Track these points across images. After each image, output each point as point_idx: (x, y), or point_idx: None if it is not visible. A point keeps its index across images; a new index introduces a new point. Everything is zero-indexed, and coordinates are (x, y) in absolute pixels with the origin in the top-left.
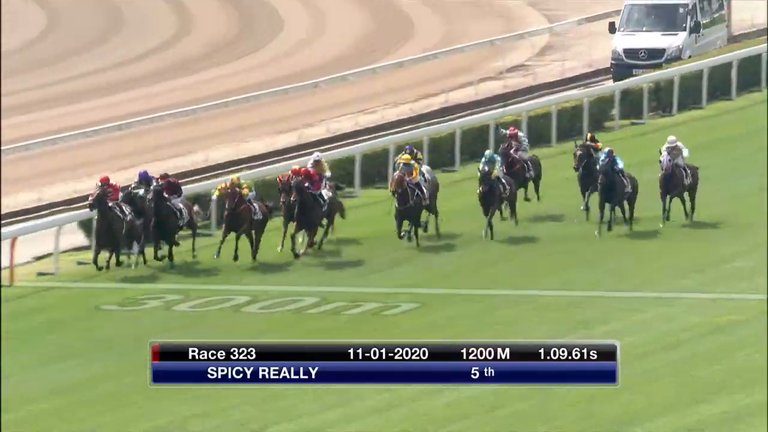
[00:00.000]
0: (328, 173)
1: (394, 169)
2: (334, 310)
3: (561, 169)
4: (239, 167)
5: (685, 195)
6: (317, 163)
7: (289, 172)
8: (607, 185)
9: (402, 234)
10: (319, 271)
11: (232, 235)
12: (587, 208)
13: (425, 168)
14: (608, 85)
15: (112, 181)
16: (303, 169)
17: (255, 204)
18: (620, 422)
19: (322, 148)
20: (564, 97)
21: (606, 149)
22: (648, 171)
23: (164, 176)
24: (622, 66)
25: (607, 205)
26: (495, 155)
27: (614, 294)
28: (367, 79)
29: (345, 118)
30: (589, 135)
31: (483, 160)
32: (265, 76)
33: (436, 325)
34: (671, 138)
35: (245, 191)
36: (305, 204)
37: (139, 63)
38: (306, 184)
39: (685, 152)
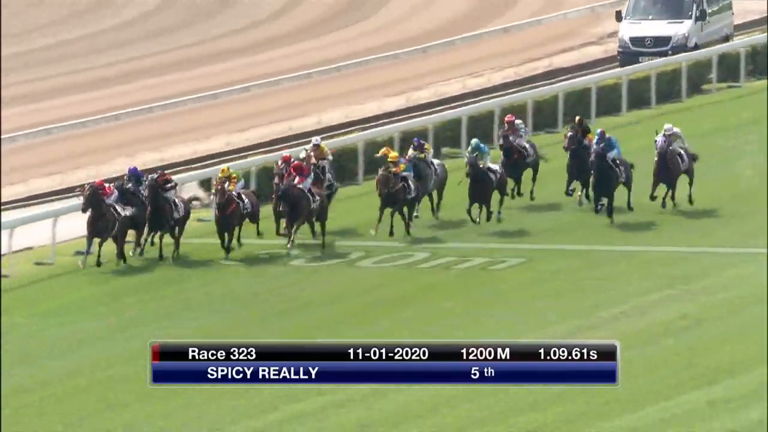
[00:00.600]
0: (329, 157)
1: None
2: (444, 265)
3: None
4: (350, 129)
5: (682, 180)
6: (317, 147)
7: (280, 160)
8: (599, 176)
9: (376, 229)
10: (430, 227)
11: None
12: (571, 193)
13: (436, 161)
14: (706, 50)
15: (113, 181)
16: (296, 162)
17: (244, 198)
18: (722, 370)
19: (430, 110)
20: (663, 62)
21: (598, 131)
22: (746, 132)
23: (160, 173)
24: (629, 54)
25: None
26: (481, 144)
27: (710, 250)
28: (474, 44)
29: (453, 81)
30: (578, 118)
31: (469, 148)
32: (375, 42)
33: (540, 279)
34: (667, 126)
35: (233, 185)
36: (292, 200)
37: (255, 30)
38: (294, 181)
39: (685, 143)
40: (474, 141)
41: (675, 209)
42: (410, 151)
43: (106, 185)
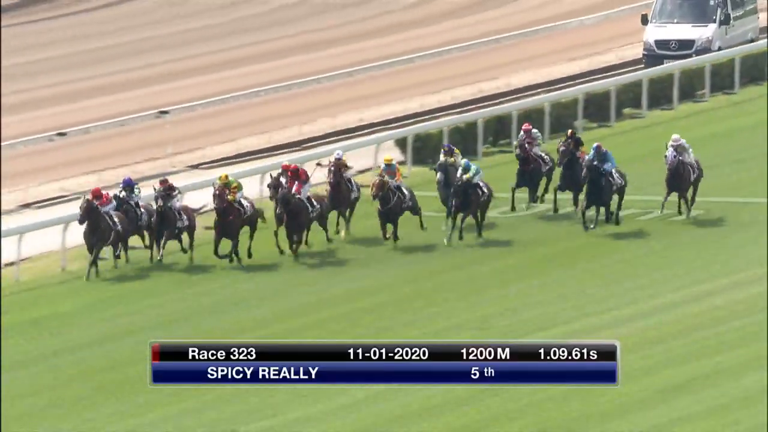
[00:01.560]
0: (350, 165)
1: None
2: (629, 216)
3: None
4: (537, 91)
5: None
6: (338, 160)
7: (280, 168)
8: (591, 186)
9: (387, 236)
10: None
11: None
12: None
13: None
14: None
15: (111, 191)
16: (293, 165)
17: (244, 202)
18: None
19: (611, 73)
20: None
21: (594, 145)
22: None
23: (163, 181)
24: (653, 57)
25: (593, 205)
26: (470, 163)
27: None
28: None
29: (633, 45)
30: (569, 132)
31: (459, 169)
32: (560, 9)
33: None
34: (675, 136)
35: (233, 195)
36: (292, 210)
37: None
38: (293, 190)
39: (692, 154)
40: (464, 161)
41: (689, 217)
42: (441, 157)
43: (104, 192)
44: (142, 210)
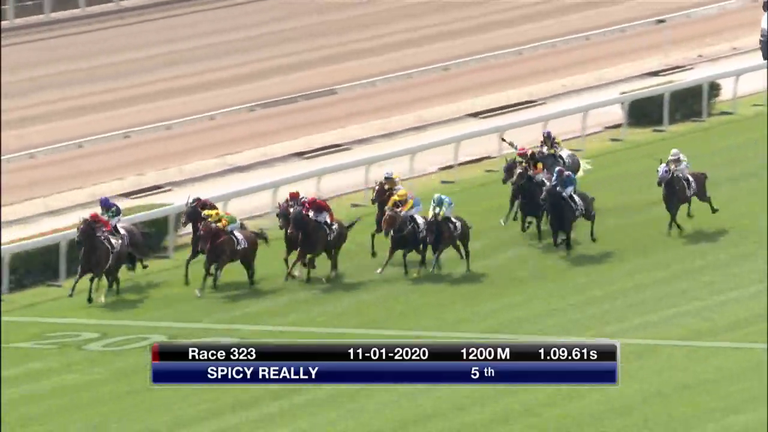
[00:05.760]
0: (399, 187)
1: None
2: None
3: None
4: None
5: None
6: (389, 180)
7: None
8: (553, 211)
9: (406, 271)
10: None
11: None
12: (525, 228)
13: (566, 153)
14: None
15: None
16: (311, 198)
17: (238, 235)
18: None
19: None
20: None
21: (556, 169)
22: None
23: (197, 200)
24: None
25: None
26: (443, 197)
27: None
28: None
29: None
30: (530, 152)
31: (432, 203)
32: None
33: None
34: (674, 151)
35: (223, 223)
36: (308, 232)
37: None
38: (310, 213)
39: (688, 166)
40: (436, 196)
41: (680, 233)
42: (537, 148)
43: (103, 218)
44: (123, 232)
